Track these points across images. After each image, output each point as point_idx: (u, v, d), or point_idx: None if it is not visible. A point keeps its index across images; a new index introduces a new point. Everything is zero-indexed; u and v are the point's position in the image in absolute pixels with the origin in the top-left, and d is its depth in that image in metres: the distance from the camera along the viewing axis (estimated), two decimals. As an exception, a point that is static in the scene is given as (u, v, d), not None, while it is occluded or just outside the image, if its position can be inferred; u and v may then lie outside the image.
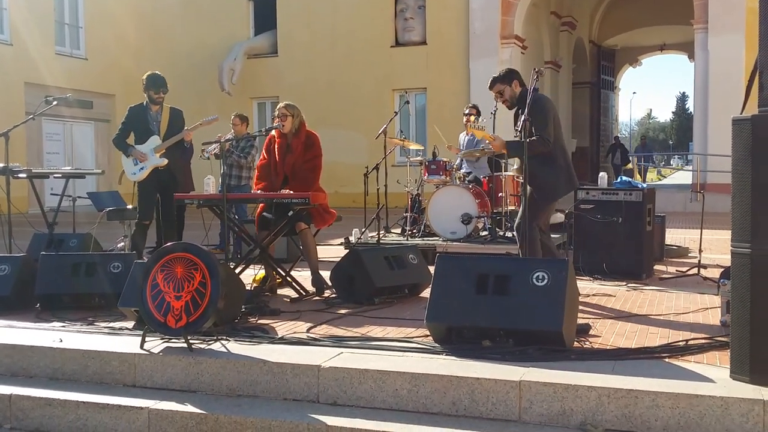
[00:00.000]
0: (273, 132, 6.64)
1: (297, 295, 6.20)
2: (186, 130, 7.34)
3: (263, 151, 6.75)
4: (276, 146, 6.59)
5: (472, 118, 9.77)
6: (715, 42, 17.24)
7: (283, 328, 4.99)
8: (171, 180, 7.41)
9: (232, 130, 9.72)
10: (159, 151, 7.32)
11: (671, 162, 72.86)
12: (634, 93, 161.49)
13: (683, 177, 38.03)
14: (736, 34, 16.80)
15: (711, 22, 17.32)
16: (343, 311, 5.58)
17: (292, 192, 6.21)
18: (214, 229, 9.36)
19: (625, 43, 30.85)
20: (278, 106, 6.57)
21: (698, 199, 16.50)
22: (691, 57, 22.73)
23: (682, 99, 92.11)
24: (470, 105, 10.25)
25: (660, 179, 45.05)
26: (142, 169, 7.33)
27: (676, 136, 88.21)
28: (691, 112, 67.51)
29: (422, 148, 12.16)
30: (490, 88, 5.96)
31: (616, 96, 32.33)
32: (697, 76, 18.03)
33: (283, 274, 6.44)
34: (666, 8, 25.47)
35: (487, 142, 5.80)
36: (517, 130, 5.76)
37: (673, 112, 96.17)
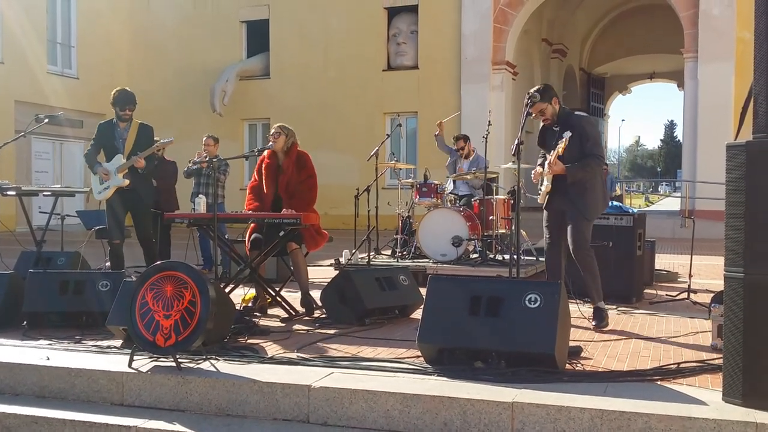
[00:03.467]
0: (265, 153, 6.62)
1: (287, 315, 6.16)
2: (134, 157, 7.11)
3: (254, 172, 6.73)
4: (266, 167, 6.58)
5: (462, 143, 9.90)
6: (704, 71, 17.42)
7: (272, 347, 4.95)
8: (136, 200, 7.29)
9: (206, 151, 9.73)
10: (122, 171, 7.15)
11: (659, 189, 73.35)
12: (623, 120, 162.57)
13: (671, 203, 38.25)
14: (726, 63, 16.99)
15: (701, 52, 17.50)
16: (333, 331, 5.55)
17: (284, 212, 6.19)
18: (193, 249, 9.33)
19: (615, 71, 31.14)
20: (273, 127, 6.56)
21: (687, 225, 16.58)
22: (681, 85, 22.97)
23: (671, 127, 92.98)
24: (459, 136, 10.32)
25: (648, 205, 45.26)
26: (106, 188, 7.20)
27: (664, 163, 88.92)
28: (679, 140, 68.12)
29: (414, 167, 12.21)
30: (530, 106, 5.73)
31: (605, 123, 32.56)
32: (687, 105, 18.21)
33: (273, 294, 6.40)
34: (656, 37, 25.77)
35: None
36: (554, 147, 5.64)
37: (661, 140, 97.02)
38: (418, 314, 5.54)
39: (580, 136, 5.59)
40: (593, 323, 5.69)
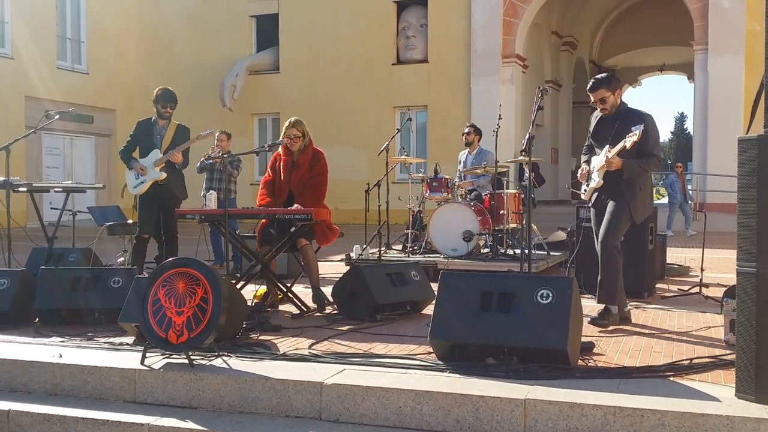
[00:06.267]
0: (279, 149, 6.63)
1: (298, 312, 6.17)
2: (171, 151, 7.32)
3: (268, 168, 6.73)
4: (282, 164, 6.58)
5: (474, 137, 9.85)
6: (715, 63, 17.34)
7: (284, 344, 4.95)
8: (169, 195, 7.43)
9: (219, 147, 9.75)
10: (159, 165, 7.37)
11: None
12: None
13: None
14: (736, 55, 16.92)
15: (711, 44, 17.43)
16: (344, 328, 5.55)
17: (295, 208, 6.19)
18: (204, 245, 9.34)
19: (625, 63, 30.99)
20: (287, 126, 6.49)
21: (698, 218, 16.54)
22: (691, 78, 22.83)
23: (681, 119, 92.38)
24: (468, 125, 10.27)
25: (658, 198, 45.04)
26: (142, 182, 7.41)
27: (675, 155, 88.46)
28: (689, 133, 67.74)
29: (424, 161, 12.19)
30: (593, 91, 5.49)
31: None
32: (697, 97, 18.13)
33: (285, 290, 6.41)
34: (666, 29, 25.63)
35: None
36: (608, 140, 5.43)
37: (671, 132, 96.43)
38: (429, 310, 5.53)
39: (642, 134, 5.27)
40: (593, 316, 5.45)
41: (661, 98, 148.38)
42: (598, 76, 5.58)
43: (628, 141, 5.22)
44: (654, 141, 5.44)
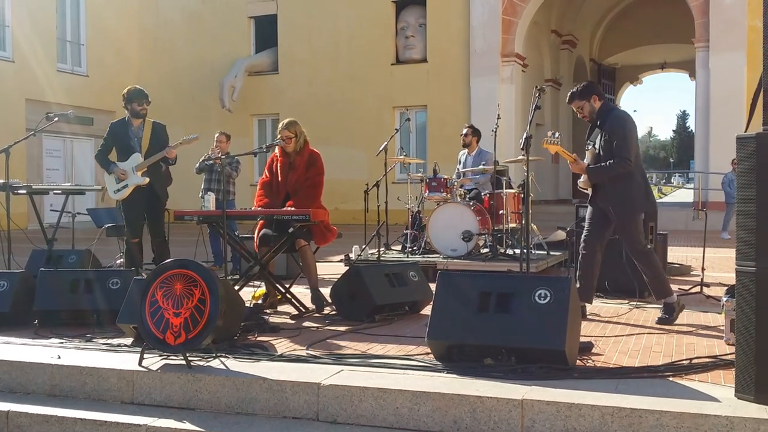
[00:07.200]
0: (276, 150, 6.62)
1: (297, 312, 6.16)
2: (168, 147, 7.17)
3: (265, 169, 6.73)
4: (279, 165, 6.57)
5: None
6: (716, 60, 17.31)
7: (282, 345, 4.95)
8: (153, 198, 7.29)
9: (218, 148, 9.73)
10: (140, 170, 7.16)
11: (672, 180, 72.95)
12: (635, 111, 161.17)
13: (684, 195, 38.07)
14: (738, 52, 16.89)
15: (712, 41, 17.40)
16: (343, 328, 5.54)
17: (292, 208, 6.18)
18: (203, 246, 9.34)
19: (626, 62, 30.95)
20: (280, 127, 6.50)
21: (699, 217, 16.48)
22: (692, 75, 22.81)
23: (683, 117, 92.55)
24: (467, 126, 10.24)
25: (661, 197, 45.04)
26: (124, 187, 7.20)
27: (677, 154, 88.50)
28: (691, 131, 67.73)
29: (423, 161, 12.17)
30: (569, 102, 5.86)
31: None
32: (699, 95, 18.10)
33: (283, 291, 6.40)
34: (667, 27, 25.59)
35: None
36: (592, 144, 5.81)
37: (673, 131, 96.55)
38: (428, 310, 5.51)
39: (609, 136, 5.59)
40: (660, 317, 5.68)
41: (662, 96, 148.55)
42: (574, 88, 5.87)
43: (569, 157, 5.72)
44: (620, 143, 5.54)
